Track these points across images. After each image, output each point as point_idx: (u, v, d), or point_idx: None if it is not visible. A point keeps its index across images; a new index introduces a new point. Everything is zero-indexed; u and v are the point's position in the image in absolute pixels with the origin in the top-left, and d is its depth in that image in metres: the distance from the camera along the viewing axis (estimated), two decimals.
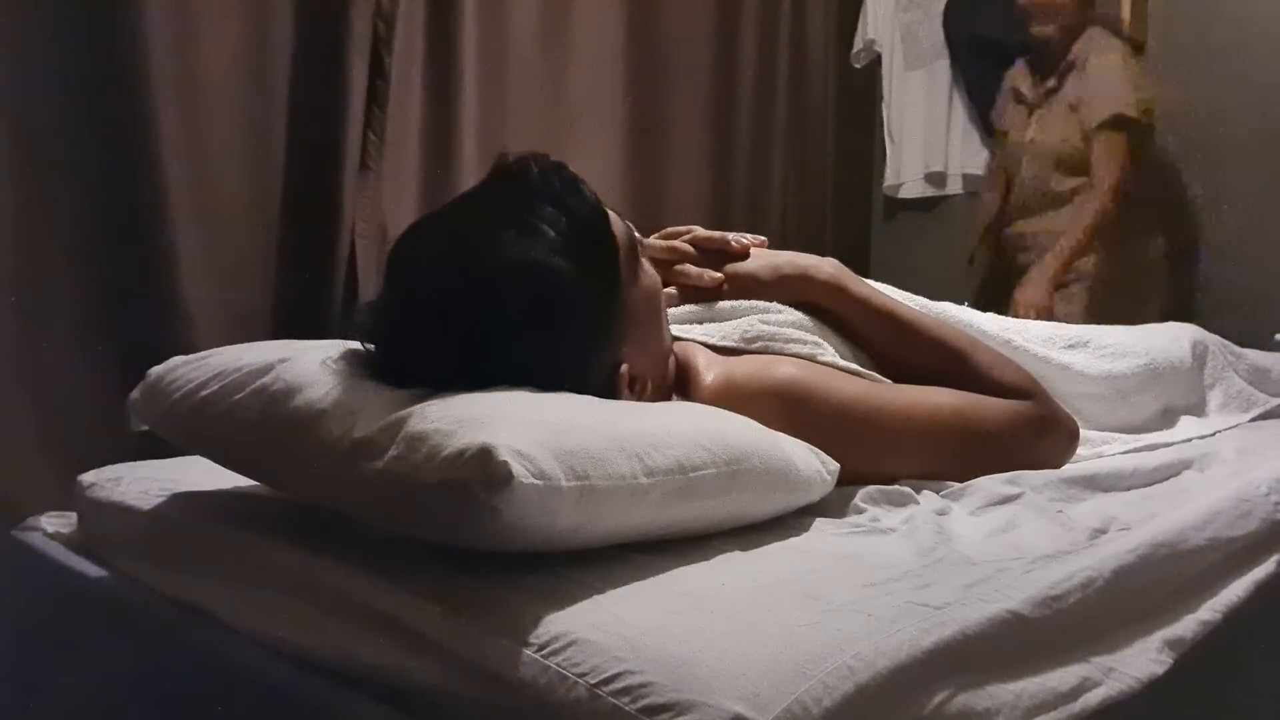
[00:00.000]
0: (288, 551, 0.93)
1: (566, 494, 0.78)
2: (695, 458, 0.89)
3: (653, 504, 0.85)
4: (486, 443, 0.76)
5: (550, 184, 0.98)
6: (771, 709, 0.65)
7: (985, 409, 1.19)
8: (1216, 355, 1.67)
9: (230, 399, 0.96)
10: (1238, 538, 1.07)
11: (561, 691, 0.70)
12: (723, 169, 2.76)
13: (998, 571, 0.87)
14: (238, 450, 0.98)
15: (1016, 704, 0.76)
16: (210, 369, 1.01)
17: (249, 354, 1.01)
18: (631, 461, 0.84)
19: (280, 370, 0.95)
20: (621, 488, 0.82)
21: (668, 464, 0.86)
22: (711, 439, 0.92)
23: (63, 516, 1.25)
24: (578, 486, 0.79)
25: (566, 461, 0.79)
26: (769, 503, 0.98)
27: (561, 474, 0.78)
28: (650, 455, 0.85)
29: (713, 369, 1.14)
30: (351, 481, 0.84)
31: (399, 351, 0.95)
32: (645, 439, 0.86)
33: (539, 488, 0.76)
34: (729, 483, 0.91)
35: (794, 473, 0.99)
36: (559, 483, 0.78)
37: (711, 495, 0.90)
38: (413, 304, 0.94)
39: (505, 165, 1.01)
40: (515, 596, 0.79)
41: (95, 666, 1.09)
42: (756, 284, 1.28)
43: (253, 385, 0.95)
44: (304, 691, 0.83)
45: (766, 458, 0.96)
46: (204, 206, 1.83)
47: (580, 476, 0.80)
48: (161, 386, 1.05)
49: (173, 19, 1.78)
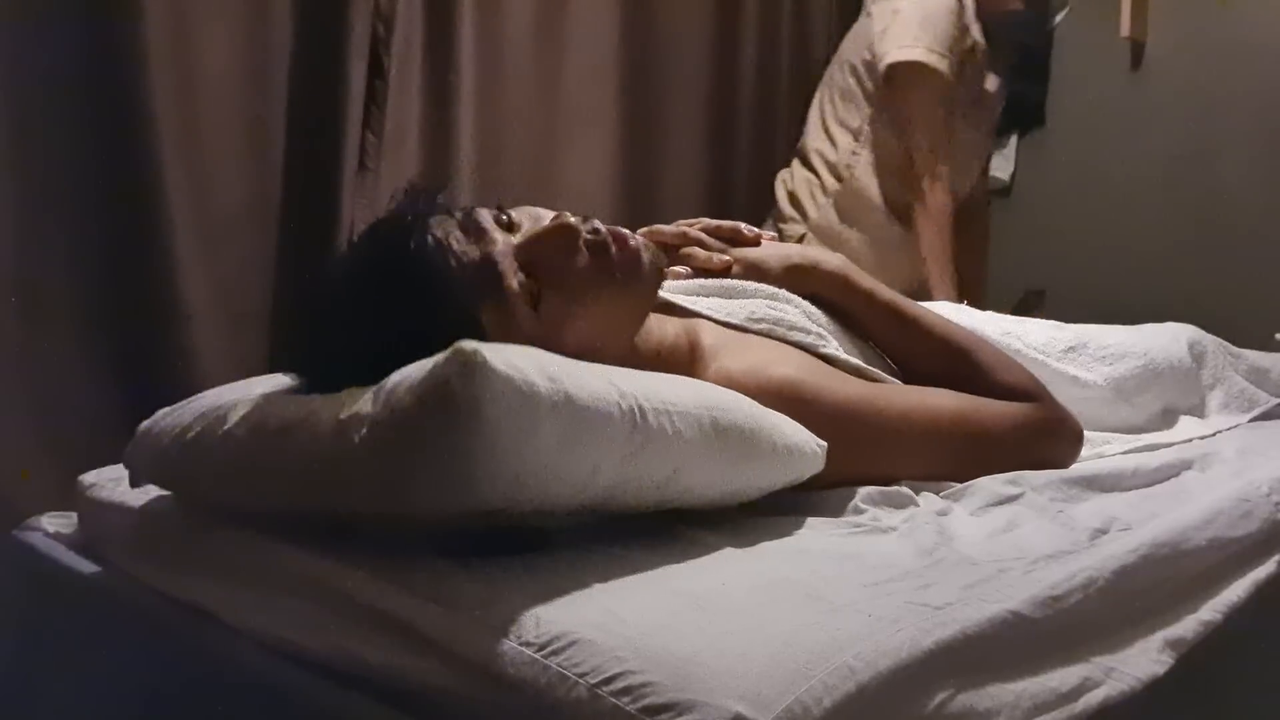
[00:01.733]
0: (288, 551, 0.93)
1: (544, 395, 0.79)
2: (674, 395, 0.90)
3: (629, 426, 0.84)
4: (459, 345, 0.77)
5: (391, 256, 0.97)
6: (772, 709, 0.65)
7: (987, 411, 1.19)
8: (1216, 355, 1.67)
9: (219, 430, 0.96)
10: (1239, 538, 1.07)
11: (562, 691, 0.70)
12: (720, 168, 2.76)
13: (999, 572, 0.87)
14: (232, 477, 0.97)
15: (1017, 704, 0.76)
16: (193, 412, 1.02)
17: (229, 393, 1.04)
18: (605, 384, 0.84)
19: (263, 397, 0.97)
20: (597, 400, 0.82)
21: (643, 389, 0.87)
22: (695, 390, 0.93)
23: (63, 516, 1.25)
24: (553, 389, 0.79)
25: (542, 370, 0.80)
26: (754, 471, 0.98)
27: (536, 375, 0.79)
28: (625, 382, 0.86)
29: (713, 361, 1.14)
30: (343, 462, 0.83)
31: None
32: (623, 375, 0.88)
33: (514, 380, 0.77)
34: (710, 427, 0.91)
35: (780, 435, 0.99)
36: (533, 379, 0.78)
37: (690, 438, 0.89)
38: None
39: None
40: (515, 596, 0.79)
41: (95, 666, 1.09)
42: (765, 271, 1.29)
43: (239, 414, 0.96)
44: (304, 691, 0.83)
45: (750, 414, 0.97)
46: (203, 207, 1.82)
47: (555, 381, 0.80)
48: (150, 439, 1.05)
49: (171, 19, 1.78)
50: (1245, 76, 2.69)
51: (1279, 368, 1.75)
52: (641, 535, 0.92)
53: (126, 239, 1.75)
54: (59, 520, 1.25)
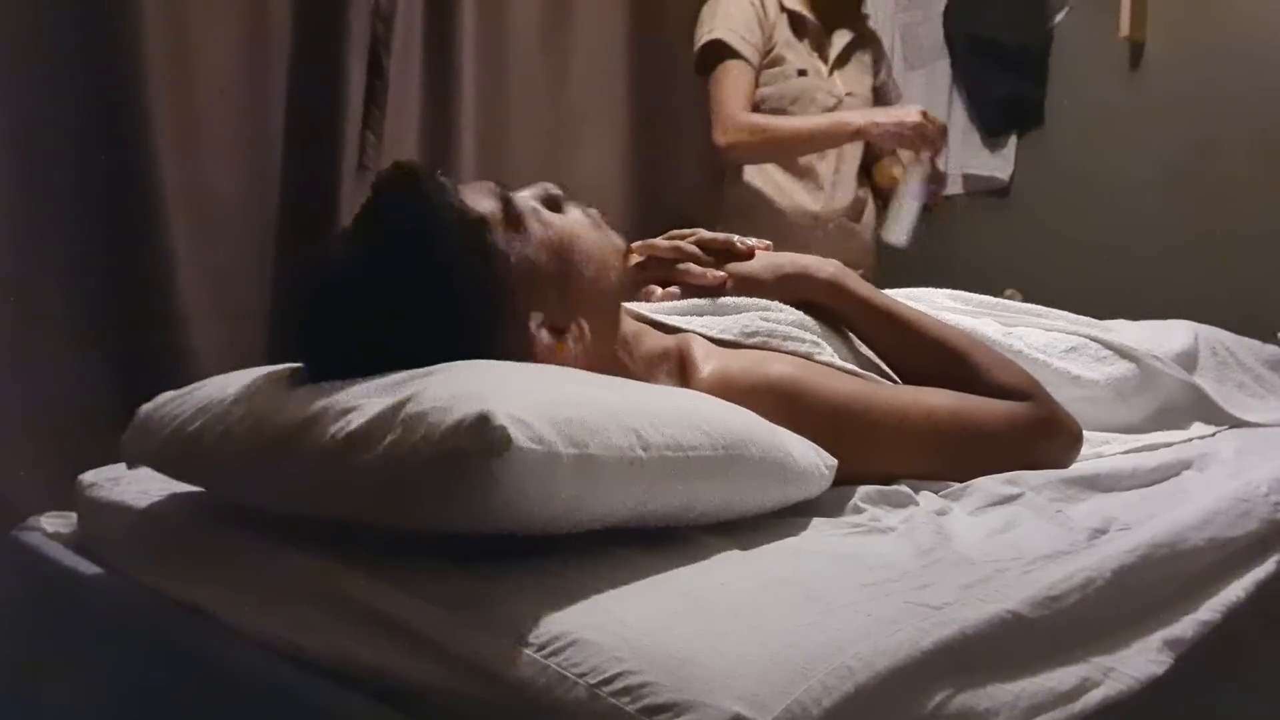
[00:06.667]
0: (287, 552, 0.93)
1: (565, 461, 0.78)
2: (692, 438, 0.89)
3: (648, 478, 0.85)
4: (483, 410, 0.76)
5: (395, 199, 1.01)
6: (771, 709, 0.65)
7: (982, 410, 1.19)
8: (1217, 353, 1.67)
9: (219, 429, 0.96)
10: (1237, 538, 1.07)
11: (561, 691, 0.70)
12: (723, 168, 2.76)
13: (997, 572, 0.87)
14: (232, 477, 0.98)
15: (1016, 704, 0.76)
16: (196, 403, 1.02)
17: (233, 384, 1.02)
18: (628, 435, 0.84)
19: (265, 391, 0.97)
20: (619, 458, 0.82)
21: (664, 440, 0.86)
22: (709, 423, 0.92)
23: (63, 516, 1.25)
24: (575, 454, 0.79)
25: (564, 430, 0.79)
26: (766, 494, 0.98)
27: (559, 441, 0.78)
28: (646, 430, 0.86)
29: (709, 362, 1.15)
30: (347, 479, 0.83)
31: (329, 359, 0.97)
32: (642, 416, 0.87)
33: (537, 453, 0.76)
34: (725, 466, 0.91)
35: (791, 464, 0.99)
36: (557, 449, 0.78)
37: (707, 477, 0.90)
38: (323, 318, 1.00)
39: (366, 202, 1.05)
40: (515, 596, 0.79)
41: (95, 667, 1.09)
42: (758, 283, 1.29)
43: (240, 412, 0.96)
44: (304, 692, 0.83)
45: (764, 446, 0.96)
46: (201, 207, 1.83)
47: (578, 444, 0.80)
48: (151, 425, 1.05)
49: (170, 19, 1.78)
50: (1245, 76, 2.68)
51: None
52: (641, 536, 0.92)
53: (125, 239, 1.75)
54: (59, 520, 1.24)
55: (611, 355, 1.12)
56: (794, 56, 2.45)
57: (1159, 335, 1.63)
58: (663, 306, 1.29)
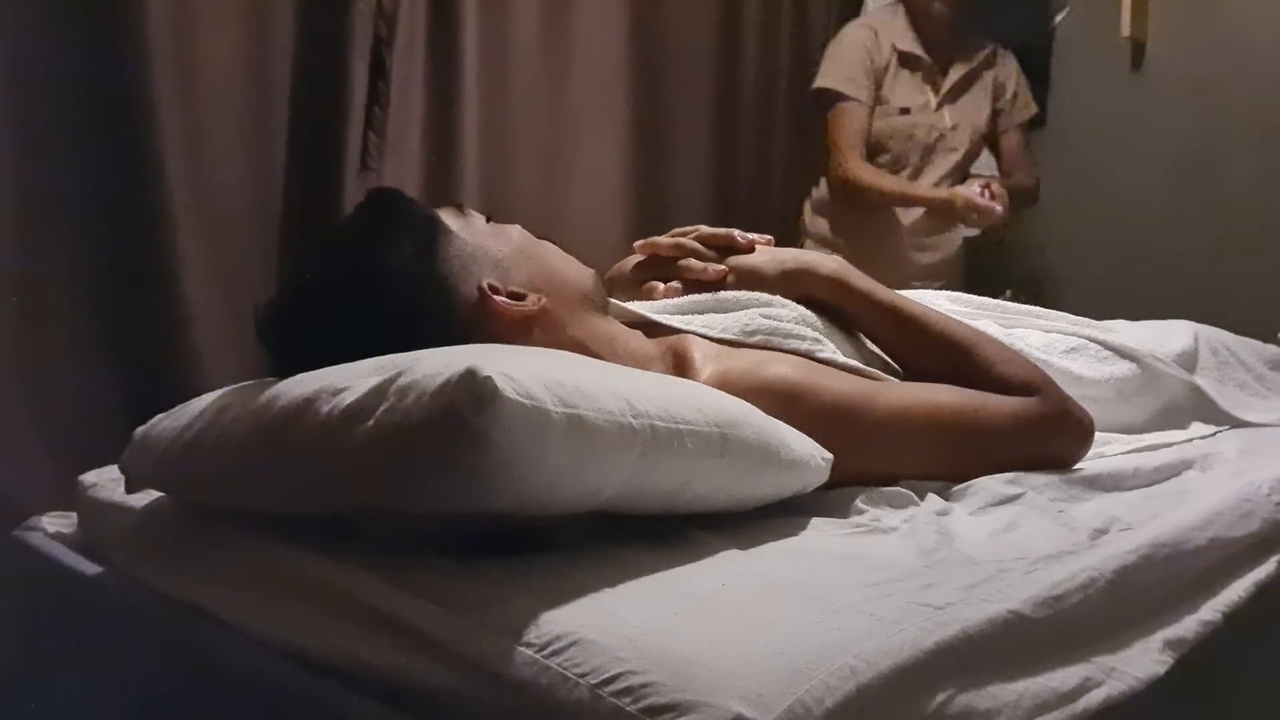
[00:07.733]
0: (288, 551, 0.93)
1: (555, 419, 0.78)
2: (685, 413, 0.89)
3: (641, 445, 0.84)
4: (471, 365, 0.77)
5: (362, 221, 1.11)
6: (773, 709, 0.65)
7: (987, 407, 1.18)
8: (1217, 353, 1.67)
9: (218, 428, 0.97)
10: (1240, 538, 1.07)
11: (562, 692, 0.70)
12: (725, 168, 2.76)
13: (999, 572, 0.87)
14: (233, 475, 0.97)
15: (1018, 704, 0.76)
16: (189, 415, 1.02)
17: (221, 395, 1.03)
18: (619, 402, 0.84)
19: (259, 392, 0.97)
20: (610, 422, 0.82)
21: (656, 409, 0.86)
22: (702, 403, 0.93)
23: (63, 516, 1.25)
24: (566, 414, 0.79)
25: (554, 391, 0.79)
26: (762, 478, 0.98)
27: (548, 399, 0.78)
28: (638, 400, 0.86)
29: (708, 364, 1.14)
30: (345, 457, 0.83)
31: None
32: (635, 390, 0.87)
33: (525, 407, 0.76)
34: (720, 445, 0.91)
35: (787, 450, 0.99)
36: (545, 405, 0.78)
37: (701, 455, 0.89)
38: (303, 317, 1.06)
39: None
40: (515, 596, 0.79)
41: (96, 667, 1.09)
42: (760, 278, 1.29)
43: (234, 413, 0.96)
44: (304, 691, 0.83)
45: (759, 429, 0.96)
46: (205, 207, 1.82)
47: (569, 405, 0.80)
48: (149, 441, 1.05)
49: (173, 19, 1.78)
50: (1246, 76, 2.68)
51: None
52: (642, 535, 0.92)
53: (128, 239, 1.74)
54: (59, 520, 1.25)
55: (583, 349, 1.11)
56: (900, 95, 2.66)
57: (1159, 335, 1.63)
58: (665, 304, 1.29)
